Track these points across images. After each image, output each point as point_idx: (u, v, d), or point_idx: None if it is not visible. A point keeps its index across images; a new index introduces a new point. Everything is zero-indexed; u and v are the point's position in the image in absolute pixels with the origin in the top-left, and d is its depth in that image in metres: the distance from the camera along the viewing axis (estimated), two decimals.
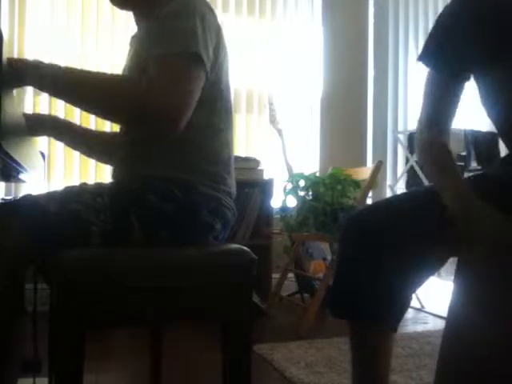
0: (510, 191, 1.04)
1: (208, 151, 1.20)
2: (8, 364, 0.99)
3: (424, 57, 1.20)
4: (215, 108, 1.20)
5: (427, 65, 1.19)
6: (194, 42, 1.08)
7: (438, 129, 1.17)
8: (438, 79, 1.18)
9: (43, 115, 1.49)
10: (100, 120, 2.71)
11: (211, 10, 1.19)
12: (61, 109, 2.95)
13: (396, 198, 1.25)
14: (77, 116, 2.92)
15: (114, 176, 1.31)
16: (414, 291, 1.10)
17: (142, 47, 1.21)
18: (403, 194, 1.29)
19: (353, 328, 1.14)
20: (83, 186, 1.16)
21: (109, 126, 2.74)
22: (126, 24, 3.03)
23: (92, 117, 2.80)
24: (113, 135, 1.48)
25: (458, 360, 0.91)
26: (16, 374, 1.05)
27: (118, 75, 1.33)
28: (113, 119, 1.25)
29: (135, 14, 1.32)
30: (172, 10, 1.13)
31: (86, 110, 1.19)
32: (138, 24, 1.33)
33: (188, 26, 1.09)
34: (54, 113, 2.84)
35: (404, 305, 1.09)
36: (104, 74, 1.17)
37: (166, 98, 1.04)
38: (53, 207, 1.04)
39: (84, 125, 1.45)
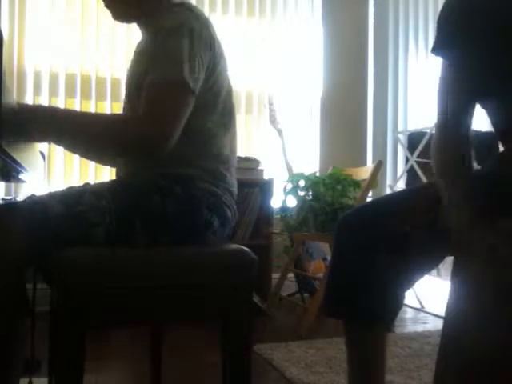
0: (506, 190, 1.04)
1: (207, 150, 1.22)
2: (10, 364, 0.99)
3: (438, 48, 1.12)
4: (215, 112, 1.23)
5: (443, 56, 1.12)
6: (178, 69, 1.11)
7: (456, 129, 1.09)
8: (454, 74, 1.10)
9: None
10: None
11: (205, 20, 1.20)
12: None
13: (391, 197, 1.25)
14: None
15: (116, 173, 1.34)
16: (408, 289, 1.10)
17: (139, 64, 1.26)
18: (398, 192, 1.28)
19: (347, 328, 1.14)
20: (85, 185, 1.18)
21: None
22: (126, 24, 3.03)
23: None
24: None
25: (456, 360, 0.91)
26: (18, 374, 1.05)
27: (105, 116, 1.50)
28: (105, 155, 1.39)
29: (139, 26, 1.35)
30: (163, 27, 1.16)
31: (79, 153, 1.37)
32: (141, 32, 1.36)
33: (176, 48, 1.12)
34: None
35: (398, 304, 1.09)
36: (93, 117, 1.35)
37: (149, 134, 1.11)
38: (56, 208, 1.05)
39: None
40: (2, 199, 1.61)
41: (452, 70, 1.11)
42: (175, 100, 1.12)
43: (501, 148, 1.18)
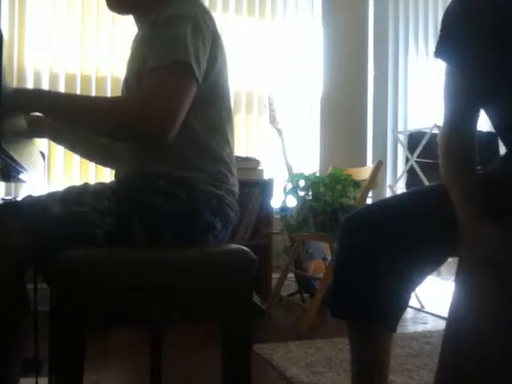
0: (509, 190, 1.04)
1: (208, 150, 1.20)
2: (10, 364, 0.99)
3: (441, 52, 1.13)
4: (214, 109, 1.22)
5: (445, 59, 1.13)
6: (183, 52, 1.09)
7: (461, 132, 1.10)
8: (459, 76, 1.11)
9: (43, 117, 1.49)
10: None
11: (207, 14, 1.20)
12: None
13: (394, 198, 1.25)
14: None
15: (116, 174, 1.32)
16: (413, 291, 1.10)
17: (138, 53, 1.25)
18: (402, 194, 1.28)
19: (352, 328, 1.14)
20: (86, 185, 1.16)
21: None
22: (126, 24, 3.03)
23: None
24: None
25: (459, 360, 0.91)
26: (18, 374, 1.05)
27: (108, 98, 1.47)
28: (107, 137, 1.30)
29: (134, 19, 1.34)
30: (165, 18, 1.14)
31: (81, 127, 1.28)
32: (137, 26, 1.35)
33: (179, 35, 1.11)
34: None
35: (402, 304, 1.09)
36: (96, 98, 1.36)
37: (153, 115, 1.06)
38: (55, 208, 1.05)
39: None
40: (2, 199, 1.61)
41: (455, 71, 1.11)
42: (179, 83, 1.10)
43: (502, 146, 1.18)
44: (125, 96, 1.27)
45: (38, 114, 1.19)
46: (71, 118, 1.14)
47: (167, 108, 1.07)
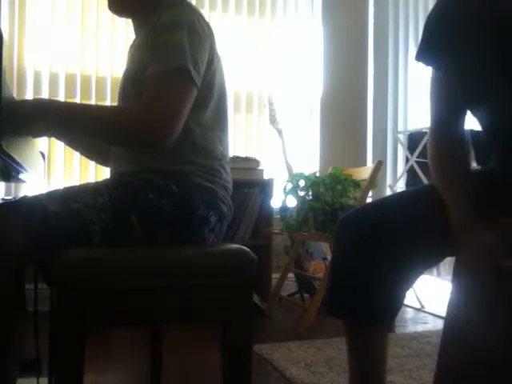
0: (506, 188, 1.04)
1: (200, 147, 1.23)
2: (7, 364, 0.99)
3: (421, 56, 1.13)
4: (207, 109, 1.24)
5: (426, 63, 1.13)
6: (181, 58, 1.11)
7: (450, 134, 1.11)
8: (442, 78, 1.11)
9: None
10: None
11: (202, 18, 1.22)
12: None
13: (391, 197, 1.25)
14: None
15: (112, 170, 1.33)
16: (408, 289, 1.10)
17: (135, 59, 1.26)
18: (399, 193, 1.28)
19: (348, 327, 1.14)
20: (82, 184, 1.18)
21: None
22: (126, 25, 3.03)
23: None
24: None
25: (457, 360, 0.91)
26: (15, 374, 1.05)
27: (110, 107, 1.53)
28: (108, 143, 1.35)
29: (133, 23, 1.35)
30: (161, 24, 1.16)
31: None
32: (135, 32, 1.36)
33: (175, 40, 1.13)
34: None
35: (398, 304, 1.09)
36: (98, 107, 1.44)
37: (153, 125, 1.10)
38: (53, 207, 1.05)
39: None
40: (2, 199, 1.61)
41: (439, 73, 1.11)
42: (179, 90, 1.12)
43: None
44: (126, 105, 1.29)
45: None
46: (73, 126, 1.17)
47: (167, 117, 1.10)
